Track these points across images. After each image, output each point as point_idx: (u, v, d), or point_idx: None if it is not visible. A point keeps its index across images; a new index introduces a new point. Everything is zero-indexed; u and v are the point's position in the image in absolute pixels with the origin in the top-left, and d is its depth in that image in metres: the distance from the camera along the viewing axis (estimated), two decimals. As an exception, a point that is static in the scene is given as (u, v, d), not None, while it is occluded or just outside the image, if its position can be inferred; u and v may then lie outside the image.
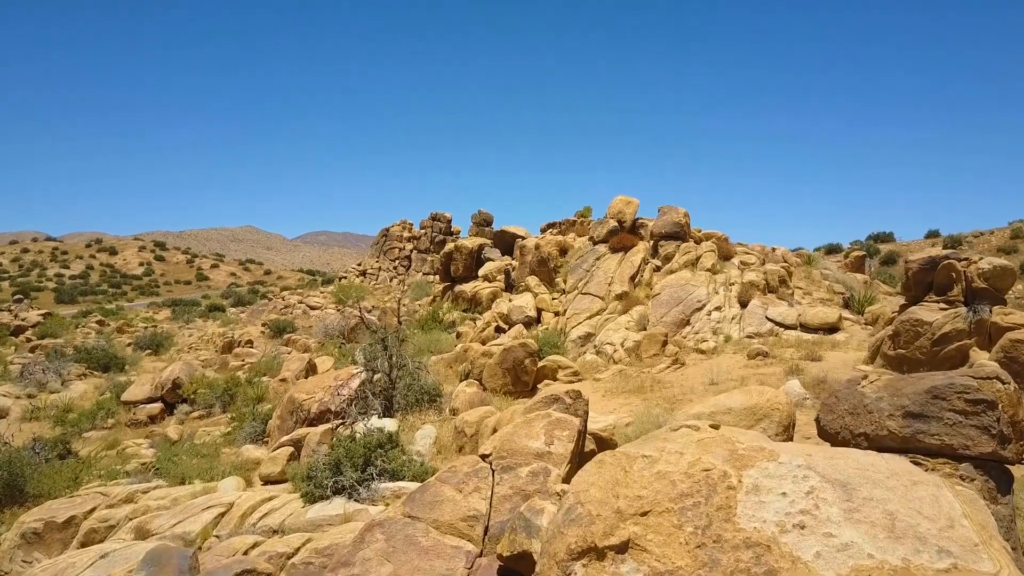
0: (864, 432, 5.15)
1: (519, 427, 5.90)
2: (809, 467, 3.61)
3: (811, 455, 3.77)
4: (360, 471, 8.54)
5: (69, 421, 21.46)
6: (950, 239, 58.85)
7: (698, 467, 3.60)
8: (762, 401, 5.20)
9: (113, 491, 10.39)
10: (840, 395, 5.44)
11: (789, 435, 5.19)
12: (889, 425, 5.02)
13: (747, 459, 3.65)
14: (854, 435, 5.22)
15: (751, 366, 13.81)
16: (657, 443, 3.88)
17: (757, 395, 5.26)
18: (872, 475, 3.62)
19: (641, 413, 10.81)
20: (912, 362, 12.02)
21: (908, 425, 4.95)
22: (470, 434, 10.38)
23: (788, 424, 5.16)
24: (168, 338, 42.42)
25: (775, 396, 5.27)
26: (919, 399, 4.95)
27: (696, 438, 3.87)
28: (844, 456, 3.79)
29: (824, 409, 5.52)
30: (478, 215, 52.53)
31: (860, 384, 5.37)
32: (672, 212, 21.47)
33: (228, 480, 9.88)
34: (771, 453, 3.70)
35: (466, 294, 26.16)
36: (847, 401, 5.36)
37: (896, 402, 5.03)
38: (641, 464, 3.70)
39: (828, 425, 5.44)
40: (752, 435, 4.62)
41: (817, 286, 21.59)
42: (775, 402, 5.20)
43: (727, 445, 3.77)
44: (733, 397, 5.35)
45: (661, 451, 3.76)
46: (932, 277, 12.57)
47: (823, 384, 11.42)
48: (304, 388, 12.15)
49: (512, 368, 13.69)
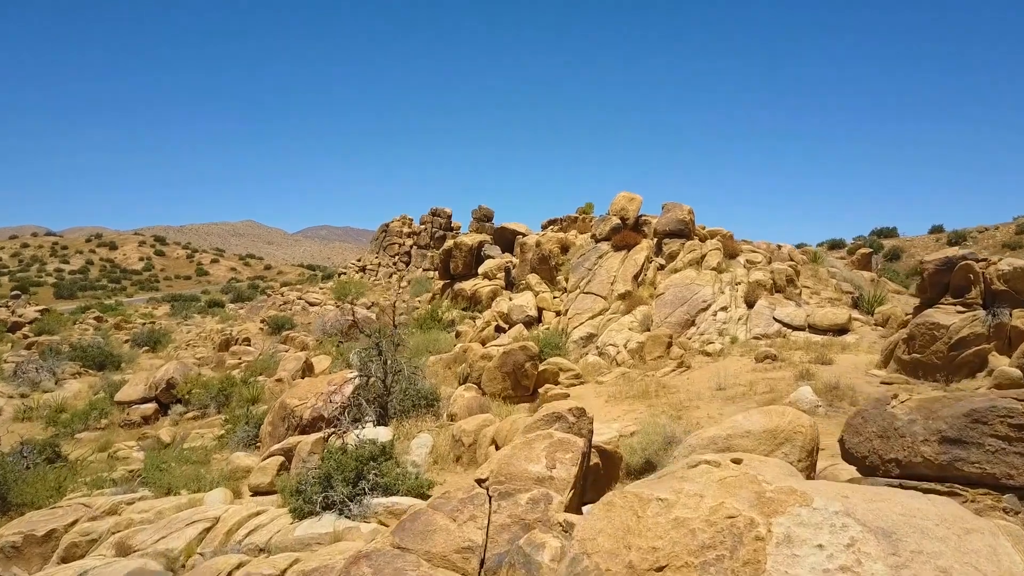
0: (895, 458, 4.71)
1: (518, 449, 5.45)
2: (848, 513, 3.16)
3: (848, 497, 3.32)
4: (351, 486, 8.11)
5: (61, 422, 21.07)
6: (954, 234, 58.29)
7: (721, 513, 3.15)
8: (783, 423, 4.76)
9: (96, 502, 9.99)
10: (867, 415, 5.00)
11: (813, 460, 4.76)
12: (924, 451, 4.58)
13: (777, 504, 3.21)
14: (884, 461, 4.78)
15: (759, 370, 13.35)
16: (673, 483, 3.44)
17: (778, 416, 4.82)
18: (920, 522, 3.16)
19: (646, 422, 10.36)
20: (928, 367, 11.57)
21: (945, 452, 4.51)
22: (468, 443, 9.95)
23: (812, 448, 4.73)
24: (166, 335, 42.05)
25: (797, 417, 4.82)
26: (957, 423, 4.51)
27: (717, 477, 3.43)
28: (886, 498, 3.34)
29: (849, 430, 5.08)
30: (478, 210, 52.02)
31: (890, 404, 4.92)
32: (676, 209, 20.99)
33: (215, 492, 9.46)
34: (804, 496, 3.25)
35: (465, 292, 25.71)
36: (876, 422, 4.92)
37: (931, 426, 4.58)
38: (656, 508, 3.26)
39: (854, 448, 5.00)
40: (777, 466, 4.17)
41: (824, 285, 21.11)
42: (797, 424, 4.76)
43: (753, 486, 3.33)
44: (751, 418, 4.90)
45: (678, 493, 3.31)
46: (948, 278, 12.10)
47: (836, 391, 10.98)
48: (296, 393, 11.72)
49: (512, 372, 13.25)
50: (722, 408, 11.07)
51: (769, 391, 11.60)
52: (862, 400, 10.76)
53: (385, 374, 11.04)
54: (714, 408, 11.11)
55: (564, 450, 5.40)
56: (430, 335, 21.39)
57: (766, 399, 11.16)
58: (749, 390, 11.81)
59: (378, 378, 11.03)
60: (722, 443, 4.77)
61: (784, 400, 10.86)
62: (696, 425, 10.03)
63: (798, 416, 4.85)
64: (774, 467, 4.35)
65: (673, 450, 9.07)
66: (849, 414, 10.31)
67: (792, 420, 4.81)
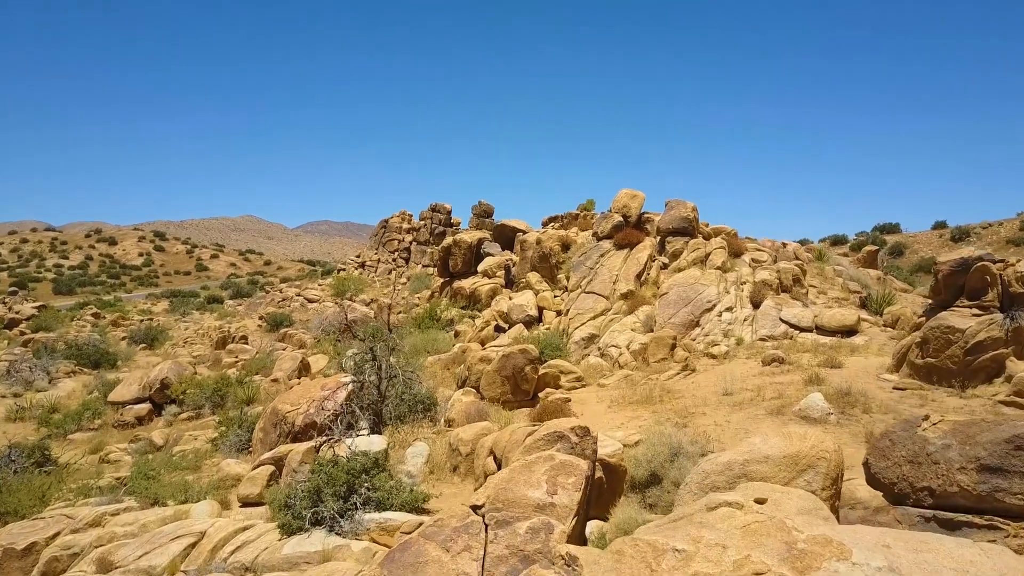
0: (928, 487, 4.31)
1: (517, 472, 5.05)
2: (892, 568, 2.75)
3: (891, 547, 2.92)
4: (342, 500, 7.73)
5: (54, 422, 20.72)
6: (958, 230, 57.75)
7: (747, 569, 2.75)
8: (805, 448, 4.37)
9: (79, 513, 9.62)
10: (896, 438, 4.60)
11: (837, 488, 4.37)
12: (960, 480, 4.18)
13: (810, 557, 2.80)
14: (915, 489, 4.39)
15: (766, 373, 12.95)
16: (691, 529, 3.04)
17: (799, 441, 4.42)
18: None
19: (651, 430, 9.97)
20: (942, 372, 11.17)
21: (984, 481, 4.12)
22: (465, 453, 9.57)
23: (836, 476, 4.34)
24: (163, 332, 41.69)
25: (820, 442, 4.43)
26: (998, 450, 4.11)
27: (740, 523, 3.03)
28: (933, 548, 2.94)
29: (875, 453, 4.68)
30: (478, 206, 51.59)
31: (920, 426, 4.52)
32: (680, 206, 20.54)
33: (202, 504, 9.09)
34: (840, 548, 2.85)
35: (465, 290, 25.30)
36: (905, 446, 4.52)
37: (968, 452, 4.19)
38: (672, 561, 2.86)
39: (881, 473, 4.61)
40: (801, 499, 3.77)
41: (831, 284, 20.69)
42: (821, 449, 4.37)
43: (782, 535, 2.93)
44: (770, 441, 4.51)
45: (697, 543, 2.92)
46: (964, 280, 11.66)
47: (847, 397, 10.58)
48: (289, 399, 11.34)
49: (512, 376, 12.86)
50: (729, 415, 10.67)
51: (777, 396, 11.21)
52: (875, 407, 10.36)
53: (379, 380, 10.65)
54: (721, 415, 10.71)
55: (566, 474, 5.00)
56: (428, 335, 21.01)
57: (775, 405, 10.76)
58: (757, 395, 11.42)
59: (372, 384, 10.64)
60: (738, 469, 4.37)
61: (794, 407, 10.47)
62: (703, 434, 9.64)
63: (821, 440, 4.45)
64: (798, 500, 3.95)
65: (679, 462, 8.70)
66: (863, 423, 9.97)
67: (815, 444, 4.41)
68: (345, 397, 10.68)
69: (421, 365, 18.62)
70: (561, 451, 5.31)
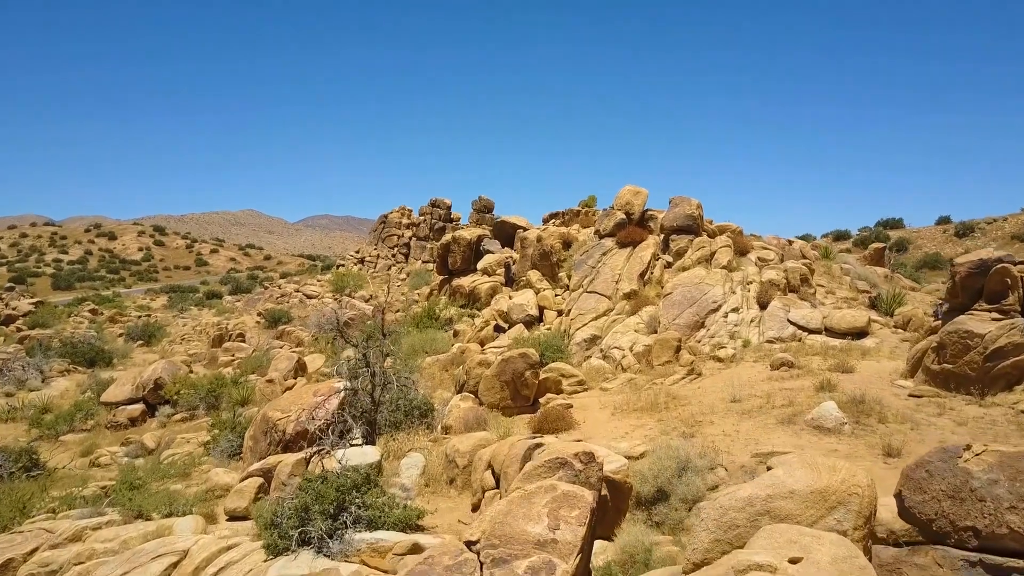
0: (973, 527, 3.88)
1: (515, 504, 4.61)
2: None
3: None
4: (331, 519, 7.30)
5: (46, 423, 20.33)
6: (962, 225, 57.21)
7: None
8: (835, 482, 3.93)
9: (59, 527, 9.21)
10: (934, 469, 4.16)
11: (870, 528, 3.94)
12: (1011, 521, 3.75)
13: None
14: (957, 528, 3.95)
15: (775, 378, 12.51)
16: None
17: (828, 473, 3.98)
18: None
19: (657, 440, 9.54)
20: (960, 378, 10.73)
21: (1038, 523, 3.69)
22: (462, 465, 9.15)
23: (869, 514, 3.90)
24: (161, 328, 41.32)
25: (851, 475, 3.98)
26: (1053, 488, 3.69)
27: (776, 592, 2.60)
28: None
29: (910, 485, 4.25)
30: (478, 201, 51.07)
31: (961, 456, 4.09)
32: (684, 204, 20.05)
33: (186, 520, 8.67)
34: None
35: (464, 289, 24.84)
36: (944, 479, 4.09)
37: (1020, 490, 3.75)
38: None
39: (917, 508, 4.17)
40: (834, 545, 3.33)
41: (839, 283, 20.22)
42: (852, 484, 3.92)
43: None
44: (794, 473, 4.06)
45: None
46: (982, 283, 11.19)
47: (862, 405, 10.14)
48: (279, 405, 10.91)
49: (511, 381, 12.42)
50: (738, 423, 10.24)
51: (788, 404, 10.77)
52: (891, 416, 9.91)
53: (373, 387, 10.21)
54: (729, 423, 10.28)
55: (569, 506, 4.55)
56: (426, 334, 20.58)
57: (786, 414, 10.33)
58: (766, 402, 10.98)
59: (365, 391, 10.21)
60: (760, 506, 3.93)
61: (806, 415, 10.03)
62: (711, 445, 9.21)
63: (852, 473, 4.01)
64: (830, 546, 3.51)
65: (687, 477, 8.26)
66: (880, 433, 9.49)
67: (845, 478, 3.96)
68: (338, 404, 10.25)
69: (419, 366, 18.19)
70: (563, 479, 4.87)
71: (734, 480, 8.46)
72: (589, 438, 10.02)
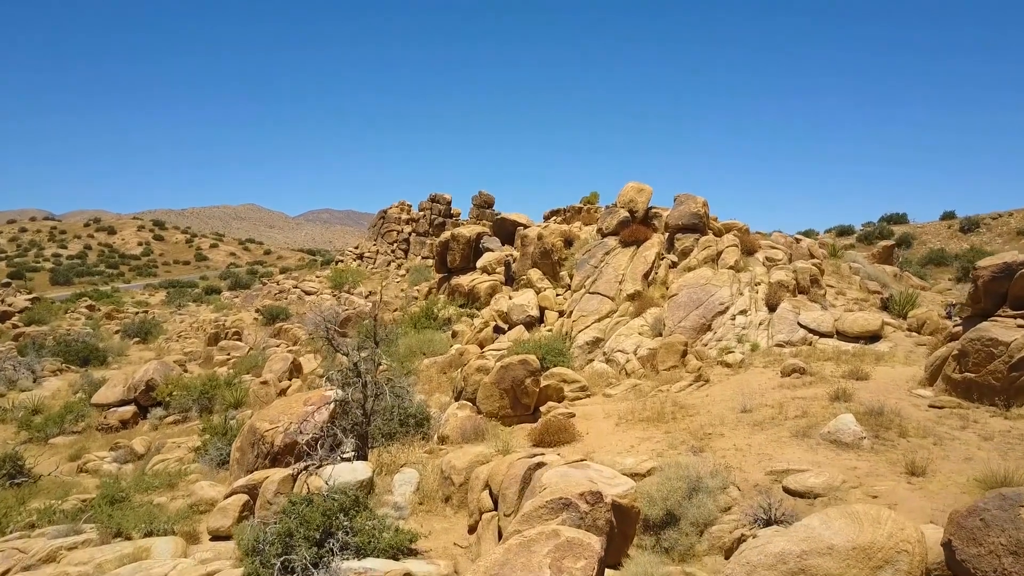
0: (1040, 590, 3.38)
1: (513, 553, 4.08)
2: None
3: None
4: (317, 546, 6.79)
5: (35, 425, 19.89)
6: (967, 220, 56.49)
7: None
8: (879, 537, 3.41)
9: (33, 546, 8.72)
10: (990, 519, 3.65)
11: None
12: (1087, 587, 3.25)
13: None
14: (1020, 590, 3.45)
15: (787, 386, 11.97)
16: None
17: (871, 526, 3.46)
18: None
19: (665, 456, 9.02)
20: (983, 388, 10.19)
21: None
22: (458, 483, 8.63)
23: (921, 573, 3.39)
24: (158, 325, 40.88)
25: (899, 529, 3.46)
26: None
27: None
28: None
29: (961, 535, 3.73)
30: (478, 197, 50.46)
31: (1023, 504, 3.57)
32: (690, 201, 19.48)
33: (165, 542, 8.18)
34: None
35: (463, 287, 24.30)
36: (1003, 531, 3.57)
37: (1097, 550, 3.24)
38: None
39: (971, 562, 3.65)
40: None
41: (848, 283, 19.65)
42: (900, 539, 3.40)
43: None
44: (833, 525, 3.54)
45: None
46: (1007, 287, 10.66)
47: (880, 417, 9.60)
48: (268, 415, 10.40)
49: (511, 388, 11.90)
50: (750, 436, 9.71)
51: (802, 415, 10.23)
52: (912, 430, 9.37)
53: (364, 398, 9.69)
54: (740, 436, 9.75)
55: (575, 556, 4.02)
56: (424, 335, 20.08)
57: (800, 426, 9.79)
58: (779, 413, 10.44)
59: (357, 403, 9.68)
60: (794, 564, 3.42)
61: (821, 428, 9.49)
62: (723, 462, 8.67)
63: (900, 527, 3.49)
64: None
65: (698, 498, 7.73)
66: (901, 449, 8.93)
67: (892, 532, 3.44)
68: (328, 416, 9.73)
69: (416, 368, 17.68)
70: (567, 523, 4.35)
71: (747, 500, 7.94)
72: (592, 452, 9.51)
